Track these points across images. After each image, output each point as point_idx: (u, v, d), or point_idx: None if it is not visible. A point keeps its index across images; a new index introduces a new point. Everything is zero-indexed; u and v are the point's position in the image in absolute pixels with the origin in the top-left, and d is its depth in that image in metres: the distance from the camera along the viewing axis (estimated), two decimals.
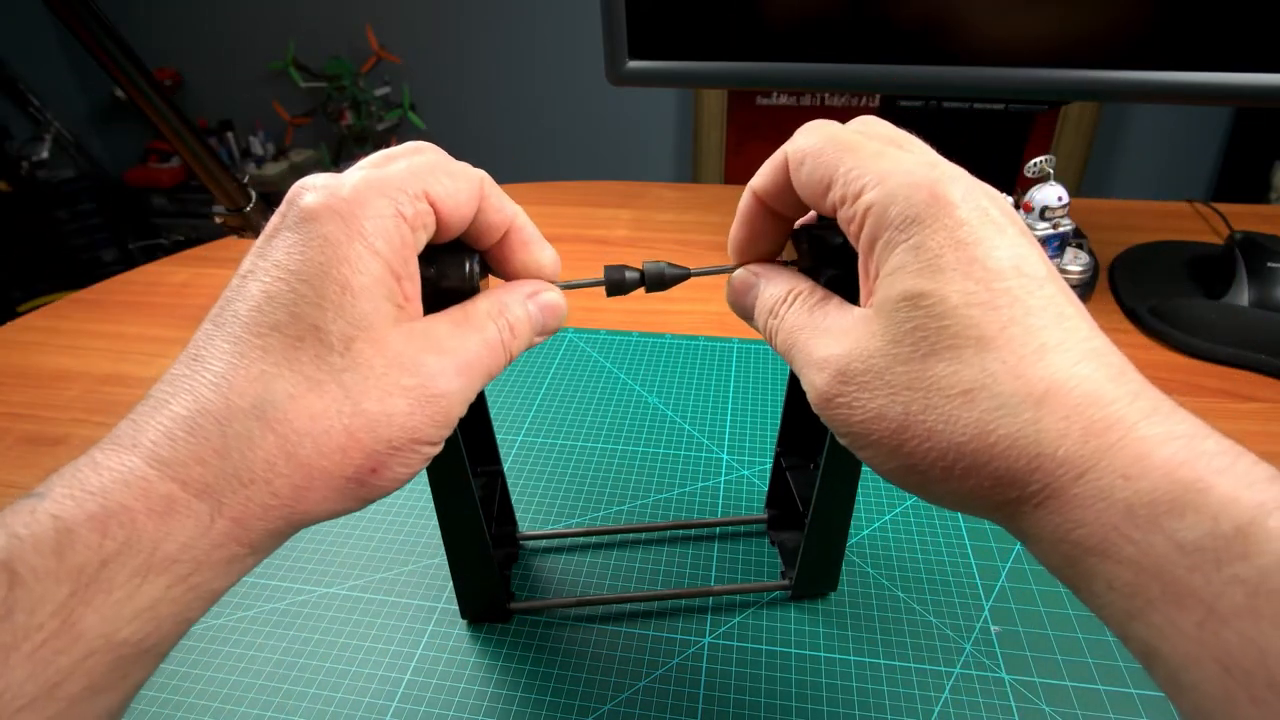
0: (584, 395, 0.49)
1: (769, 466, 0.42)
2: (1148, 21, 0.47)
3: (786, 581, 0.35)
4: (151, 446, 0.18)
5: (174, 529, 0.17)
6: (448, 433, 0.22)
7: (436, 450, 0.22)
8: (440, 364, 0.21)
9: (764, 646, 0.33)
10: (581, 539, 0.38)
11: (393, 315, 0.21)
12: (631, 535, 0.38)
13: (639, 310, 0.59)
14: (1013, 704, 0.30)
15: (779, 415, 0.46)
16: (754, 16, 0.54)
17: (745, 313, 0.26)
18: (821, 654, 0.32)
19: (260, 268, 0.21)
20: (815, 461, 0.31)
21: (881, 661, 0.32)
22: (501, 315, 0.23)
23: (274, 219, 0.22)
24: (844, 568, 0.36)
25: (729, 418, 0.46)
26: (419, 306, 0.22)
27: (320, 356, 0.19)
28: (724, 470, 0.42)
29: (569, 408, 0.47)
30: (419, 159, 0.23)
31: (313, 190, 0.21)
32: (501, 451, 0.44)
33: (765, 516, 0.39)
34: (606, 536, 0.38)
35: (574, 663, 0.32)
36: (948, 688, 0.31)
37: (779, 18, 0.54)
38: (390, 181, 0.21)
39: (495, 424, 0.46)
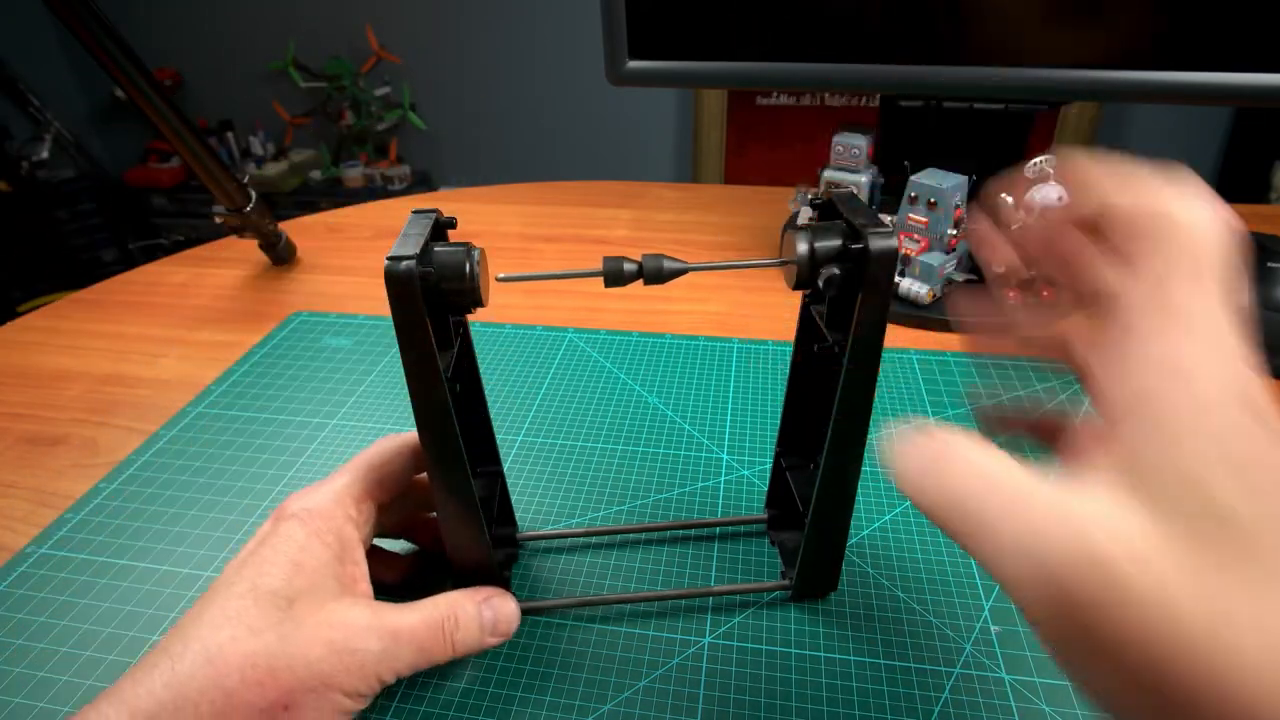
0: (584, 395, 0.49)
1: (769, 466, 0.42)
2: (1148, 21, 0.47)
3: (786, 582, 0.35)
4: (133, 699, 0.23)
5: None
6: (365, 689, 0.25)
7: (355, 706, 0.26)
8: (368, 624, 0.26)
9: (764, 646, 0.33)
10: (581, 539, 0.38)
11: (336, 591, 0.26)
12: (631, 536, 0.38)
13: (639, 310, 0.59)
14: (1013, 704, 0.30)
15: (779, 415, 0.46)
16: (754, 16, 0.54)
17: None
18: (821, 654, 0.32)
19: (247, 554, 0.27)
20: (815, 461, 0.30)
21: (881, 661, 0.32)
22: (450, 607, 0.28)
23: (267, 524, 0.29)
24: (844, 568, 0.36)
25: (729, 418, 0.46)
26: (368, 590, 0.28)
27: (265, 613, 0.25)
28: (724, 470, 0.42)
29: (569, 408, 0.47)
30: (363, 459, 0.31)
31: (295, 503, 0.29)
32: (501, 451, 0.44)
33: (765, 516, 0.39)
34: (606, 537, 0.38)
35: (574, 663, 0.32)
36: (948, 688, 0.31)
37: (779, 18, 0.54)
38: (336, 491, 0.29)
39: (495, 424, 0.46)
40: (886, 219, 0.59)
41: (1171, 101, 0.49)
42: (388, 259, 0.24)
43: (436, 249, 0.24)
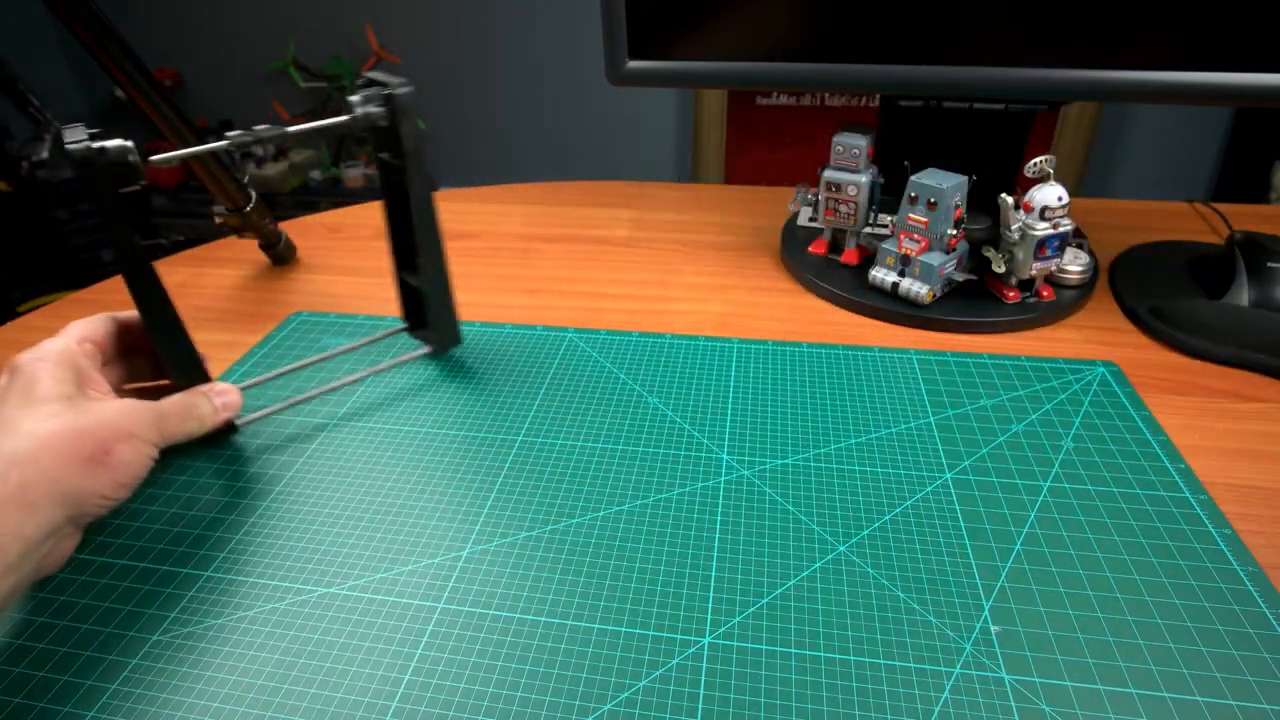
0: (584, 395, 0.49)
1: (769, 466, 0.42)
2: (1148, 21, 0.47)
3: (431, 347, 0.53)
4: None
5: None
6: (156, 438, 0.37)
7: (149, 449, 0.36)
8: (137, 402, 0.37)
9: (764, 646, 0.33)
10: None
11: (91, 397, 0.36)
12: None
13: (639, 310, 0.59)
14: (1013, 704, 0.30)
15: (779, 415, 0.46)
16: (754, 16, 0.54)
17: None
18: (821, 654, 0.32)
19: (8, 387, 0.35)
20: (418, 261, 0.49)
21: (881, 661, 0.32)
22: (191, 394, 0.41)
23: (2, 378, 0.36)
24: (844, 568, 0.36)
25: (729, 418, 0.46)
26: (109, 391, 0.38)
27: (53, 405, 0.33)
28: (724, 470, 0.42)
29: (569, 408, 0.47)
30: (67, 327, 0.39)
31: (23, 356, 0.36)
32: (501, 452, 0.44)
33: (405, 326, 0.54)
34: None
35: (574, 663, 0.32)
36: (948, 688, 0.31)
37: (779, 18, 0.54)
38: (56, 341, 0.38)
39: (495, 424, 0.46)
40: (886, 219, 0.59)
41: (1171, 101, 0.49)
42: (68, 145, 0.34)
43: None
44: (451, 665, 0.32)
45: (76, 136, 0.35)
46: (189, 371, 0.42)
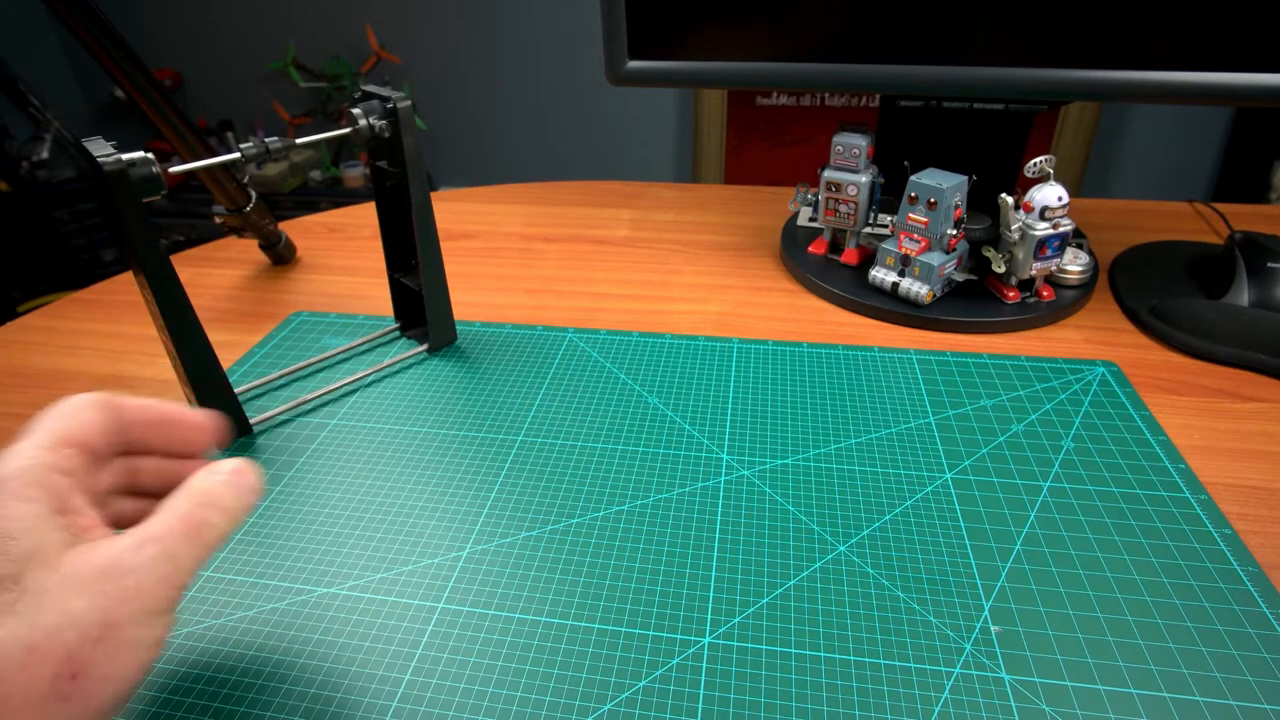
0: (584, 395, 0.49)
1: (769, 466, 0.42)
2: (1148, 21, 0.47)
3: (425, 346, 0.52)
4: None
5: None
6: (158, 604, 0.22)
7: (159, 630, 0.22)
8: (121, 546, 0.22)
9: (764, 646, 0.33)
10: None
11: (66, 542, 0.22)
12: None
13: (639, 310, 0.59)
14: (1013, 704, 0.30)
15: (779, 415, 0.46)
16: (754, 16, 0.54)
17: None
18: (821, 654, 0.32)
19: None
20: (412, 261, 0.50)
21: (881, 661, 0.32)
22: (187, 484, 0.25)
23: None
24: (844, 568, 0.36)
25: (729, 418, 0.46)
26: (109, 534, 0.23)
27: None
28: (724, 470, 0.42)
29: (569, 408, 0.47)
30: (39, 422, 0.25)
31: None
32: (501, 452, 0.44)
33: (396, 326, 0.54)
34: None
35: (574, 663, 0.32)
36: (948, 688, 0.31)
37: (779, 18, 0.54)
38: (23, 449, 0.24)
39: (495, 424, 0.46)
40: (886, 219, 0.59)
41: (1171, 101, 0.49)
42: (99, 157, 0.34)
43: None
44: (451, 665, 0.32)
45: (103, 150, 0.35)
46: (206, 377, 0.43)
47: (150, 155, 0.37)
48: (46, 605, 0.20)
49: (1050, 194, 0.51)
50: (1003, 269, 0.54)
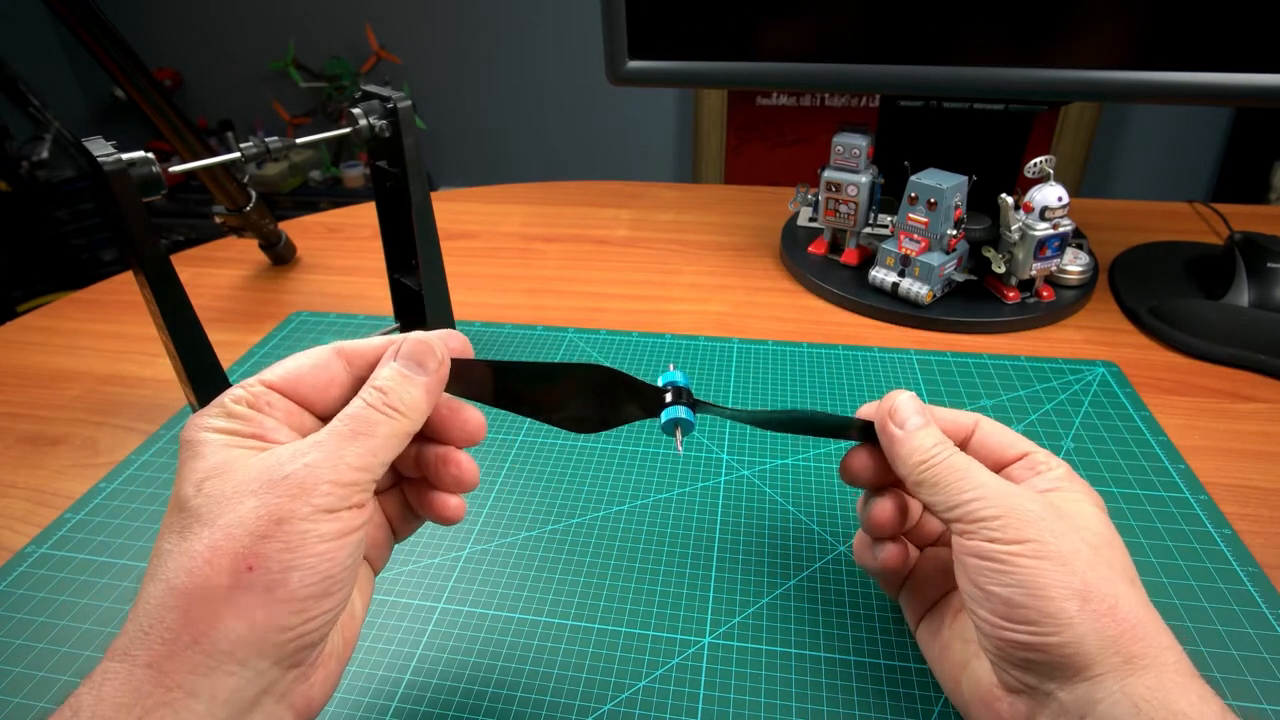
0: None
1: (769, 466, 0.42)
2: (1148, 21, 0.47)
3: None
4: (111, 645, 0.21)
5: (105, 693, 0.20)
6: (337, 495, 0.22)
7: (326, 527, 0.22)
8: (289, 451, 0.22)
9: (764, 646, 0.33)
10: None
11: (246, 456, 0.23)
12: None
13: (639, 310, 0.59)
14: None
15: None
16: (754, 16, 0.54)
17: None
18: (821, 654, 0.32)
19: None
20: (412, 261, 0.49)
21: (881, 661, 0.32)
22: (365, 389, 0.25)
23: None
24: (844, 568, 0.36)
25: None
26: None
27: (183, 509, 0.22)
28: (724, 470, 0.42)
29: None
30: (275, 369, 0.25)
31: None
32: (501, 452, 0.44)
33: (397, 325, 0.54)
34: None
35: (574, 663, 0.32)
36: None
37: (779, 18, 0.54)
38: (233, 389, 0.25)
39: (495, 424, 0.46)
40: (886, 219, 0.59)
41: (1171, 101, 0.49)
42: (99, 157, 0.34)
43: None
44: (451, 665, 0.32)
45: (103, 150, 0.35)
46: (206, 377, 0.43)
47: (150, 155, 0.36)
48: (223, 508, 0.21)
49: (1050, 194, 0.51)
50: (1003, 269, 0.54)
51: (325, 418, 0.25)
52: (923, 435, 0.27)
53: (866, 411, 0.30)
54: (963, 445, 0.29)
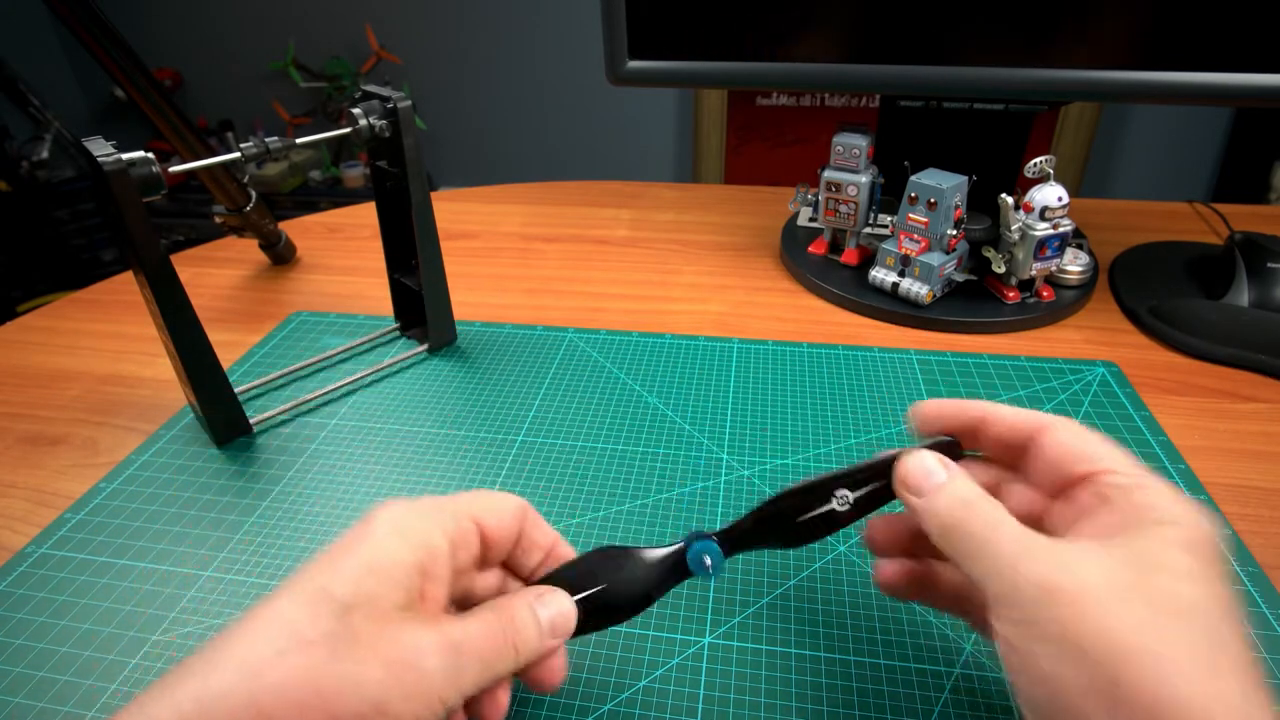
0: (584, 395, 0.49)
1: (769, 466, 0.42)
2: (1148, 21, 0.47)
3: (425, 346, 0.52)
4: (155, 712, 0.19)
5: None
6: (426, 713, 0.21)
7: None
8: (428, 640, 0.22)
9: (764, 646, 0.33)
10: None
11: (403, 602, 0.22)
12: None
13: (639, 310, 0.59)
14: (1013, 704, 0.30)
15: (779, 415, 0.46)
16: (754, 17, 0.54)
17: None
18: (822, 654, 0.32)
19: (324, 552, 0.23)
20: (413, 261, 0.50)
21: (881, 661, 0.32)
22: (506, 608, 0.24)
23: (357, 523, 0.24)
24: (844, 568, 0.36)
25: (729, 418, 0.46)
26: (439, 612, 0.23)
27: (318, 621, 0.20)
28: (724, 470, 0.42)
29: (569, 408, 0.47)
30: (471, 494, 0.26)
31: (392, 502, 0.24)
32: (501, 451, 0.44)
33: (396, 326, 0.54)
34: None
35: (574, 663, 0.32)
36: (948, 688, 0.31)
37: (779, 18, 0.54)
38: (445, 503, 0.24)
39: (495, 424, 0.46)
40: (886, 219, 0.59)
41: (1171, 102, 0.49)
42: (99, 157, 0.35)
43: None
44: None
45: (103, 150, 0.35)
46: (206, 377, 0.43)
47: (150, 155, 0.36)
48: (353, 656, 0.20)
49: (1050, 194, 0.51)
50: (1003, 269, 0.54)
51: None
52: (938, 499, 0.24)
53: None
54: (1023, 454, 0.26)
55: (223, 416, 0.45)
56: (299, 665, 0.20)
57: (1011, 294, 0.55)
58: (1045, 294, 0.56)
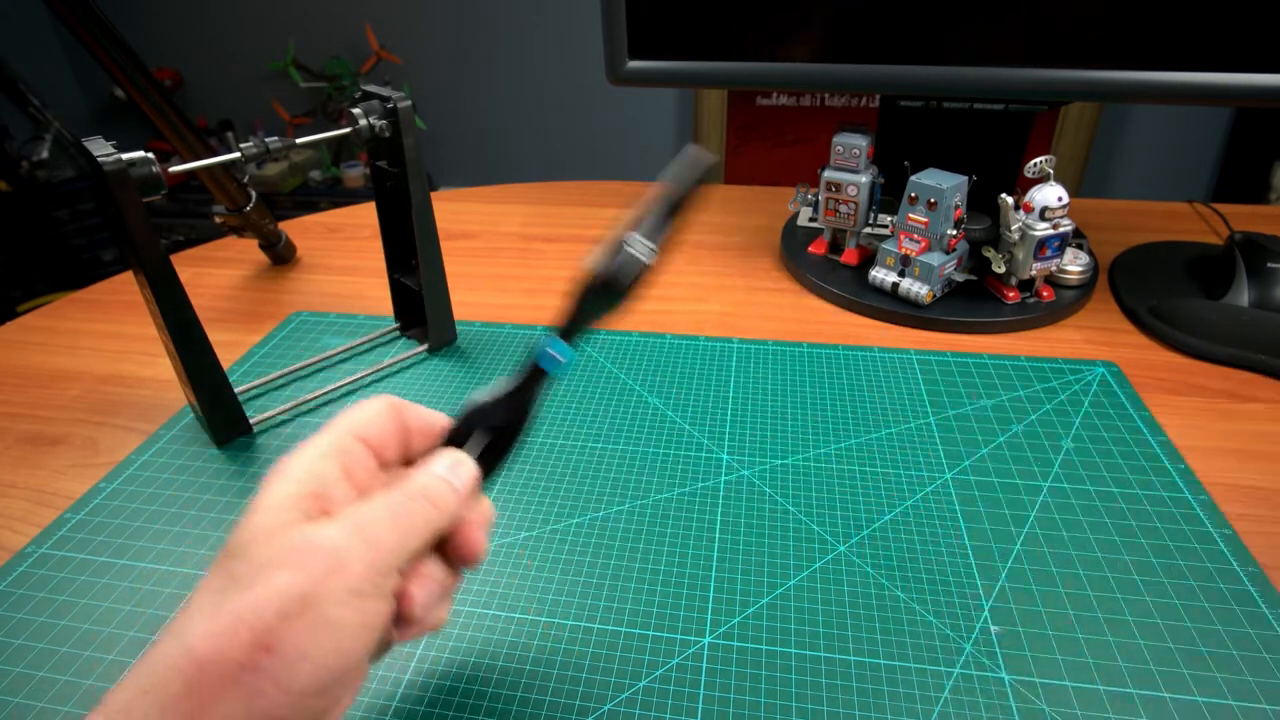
0: (584, 395, 0.49)
1: (769, 466, 0.42)
2: (1148, 21, 0.47)
3: (425, 345, 0.52)
4: (110, 696, 0.20)
5: None
6: (363, 584, 0.21)
7: (351, 615, 0.21)
8: (331, 529, 0.22)
9: (764, 646, 0.33)
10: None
11: (298, 521, 0.22)
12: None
13: (639, 310, 0.59)
14: (1013, 704, 0.30)
15: (779, 415, 0.46)
16: (754, 17, 0.54)
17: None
18: (821, 654, 0.32)
19: None
20: (413, 261, 0.50)
21: (881, 661, 0.32)
22: (402, 477, 0.25)
23: None
24: (844, 568, 0.36)
25: (729, 418, 0.46)
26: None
27: (223, 566, 0.21)
28: (724, 470, 0.42)
29: (569, 408, 0.47)
30: (343, 413, 0.27)
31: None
32: None
33: (396, 326, 0.54)
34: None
35: (574, 663, 0.32)
36: (948, 688, 0.31)
37: (779, 18, 0.54)
38: (320, 433, 0.25)
39: None
40: (886, 219, 0.59)
41: (1171, 102, 0.49)
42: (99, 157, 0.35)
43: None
44: (452, 665, 0.32)
45: (103, 150, 0.35)
46: (206, 377, 0.43)
47: (150, 155, 0.36)
48: (258, 577, 0.21)
49: (1050, 194, 0.51)
50: (1003, 269, 0.54)
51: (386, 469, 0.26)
52: None
53: None
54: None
55: (223, 416, 0.45)
56: (210, 603, 0.21)
57: (1011, 294, 0.55)
58: (1045, 294, 0.56)
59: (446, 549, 0.26)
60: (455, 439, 0.27)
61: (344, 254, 0.70)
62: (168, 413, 0.49)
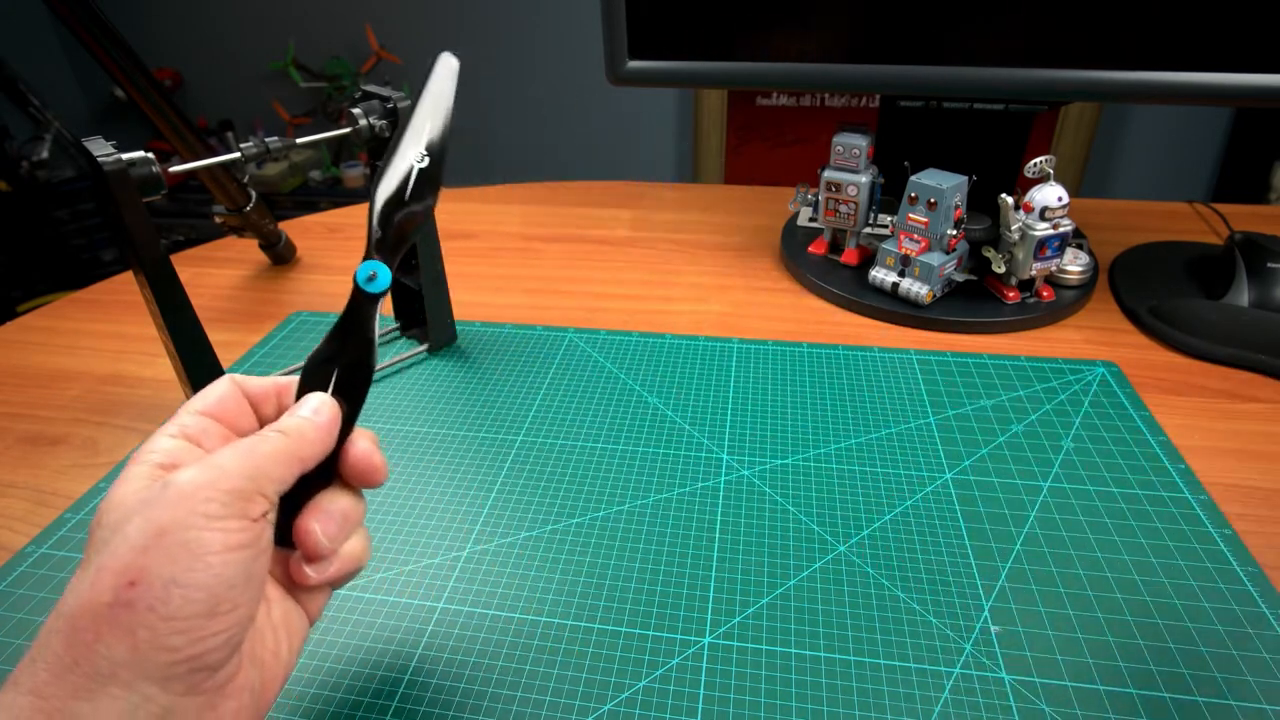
0: (584, 395, 0.49)
1: (769, 466, 0.42)
2: (1148, 21, 0.47)
3: (425, 346, 0.52)
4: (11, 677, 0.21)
5: None
6: (206, 516, 0.21)
7: (208, 536, 0.21)
8: (181, 472, 0.22)
9: (764, 646, 0.33)
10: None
11: (150, 487, 0.23)
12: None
13: (639, 310, 0.59)
14: (1013, 704, 0.30)
15: (779, 415, 0.46)
16: (754, 16, 0.54)
17: None
18: (821, 654, 0.32)
19: None
20: (414, 260, 0.49)
21: (881, 661, 0.32)
22: (271, 424, 0.26)
23: None
24: (844, 568, 0.36)
25: (729, 418, 0.46)
26: None
27: (89, 542, 0.22)
28: (724, 470, 0.42)
29: (569, 408, 0.47)
30: (190, 400, 0.27)
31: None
32: (501, 451, 0.44)
33: (396, 326, 0.54)
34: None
35: (574, 663, 0.32)
36: (948, 688, 0.31)
37: (779, 18, 0.54)
38: (173, 419, 0.26)
39: (495, 424, 0.46)
40: (886, 219, 0.59)
41: (1171, 102, 0.49)
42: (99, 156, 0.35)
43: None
44: (451, 665, 0.32)
45: (103, 150, 0.35)
46: (206, 377, 0.43)
47: (150, 155, 0.36)
48: (115, 532, 0.21)
49: (1050, 194, 0.51)
50: (1003, 269, 0.54)
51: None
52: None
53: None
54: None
55: None
56: (78, 575, 0.21)
57: (1011, 294, 0.55)
58: (1045, 294, 0.56)
59: (349, 479, 0.27)
60: (310, 389, 0.28)
61: (344, 254, 0.70)
62: (168, 413, 0.48)
